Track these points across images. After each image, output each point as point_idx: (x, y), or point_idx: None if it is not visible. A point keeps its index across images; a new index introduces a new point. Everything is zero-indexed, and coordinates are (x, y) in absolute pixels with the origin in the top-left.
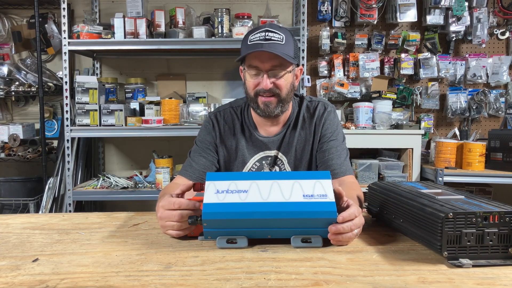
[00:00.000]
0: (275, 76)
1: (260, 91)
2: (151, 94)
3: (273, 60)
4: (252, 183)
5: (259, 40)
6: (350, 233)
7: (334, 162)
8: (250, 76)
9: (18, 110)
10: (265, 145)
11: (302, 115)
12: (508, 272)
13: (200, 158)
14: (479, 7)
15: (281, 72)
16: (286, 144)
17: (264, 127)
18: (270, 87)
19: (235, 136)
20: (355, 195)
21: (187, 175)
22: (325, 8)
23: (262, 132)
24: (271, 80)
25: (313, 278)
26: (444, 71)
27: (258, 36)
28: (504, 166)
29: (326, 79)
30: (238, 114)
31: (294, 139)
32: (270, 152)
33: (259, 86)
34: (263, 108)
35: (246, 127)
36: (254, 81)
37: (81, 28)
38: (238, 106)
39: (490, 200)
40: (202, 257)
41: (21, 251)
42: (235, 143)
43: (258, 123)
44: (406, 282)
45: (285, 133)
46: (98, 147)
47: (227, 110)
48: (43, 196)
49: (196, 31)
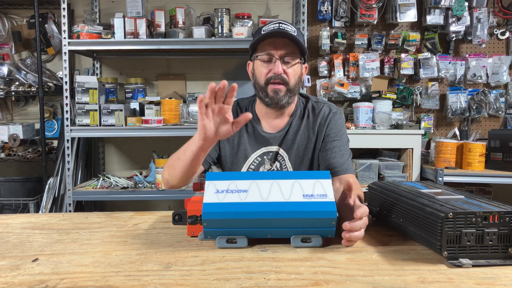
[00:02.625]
0: (287, 64)
1: (272, 77)
2: (151, 94)
3: (287, 47)
4: (252, 183)
5: (273, 29)
6: (360, 232)
7: (336, 160)
8: (262, 63)
9: (18, 110)
10: (267, 141)
11: (307, 114)
12: (508, 272)
13: None
14: (479, 7)
15: (292, 60)
16: (288, 140)
17: (268, 119)
18: (281, 72)
19: (239, 131)
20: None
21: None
22: (325, 8)
23: (265, 126)
24: (283, 67)
25: (313, 278)
26: (444, 71)
27: (272, 27)
28: (504, 166)
29: (326, 79)
30: (243, 109)
31: (296, 136)
32: (272, 147)
33: (270, 72)
34: (272, 96)
35: (249, 122)
36: (266, 69)
37: (81, 28)
38: (244, 106)
39: (490, 200)
40: (202, 257)
41: (21, 251)
42: (237, 138)
43: (262, 116)
44: (406, 282)
45: (288, 129)
46: (98, 147)
47: (234, 107)
48: (43, 196)
49: (196, 31)
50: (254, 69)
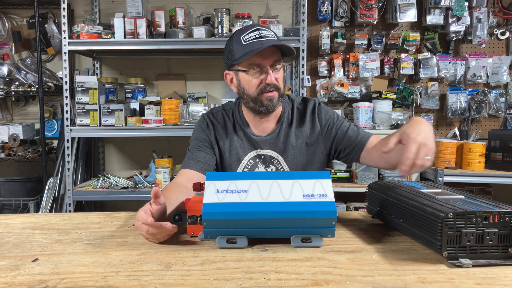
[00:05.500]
0: (276, 70)
1: (266, 87)
2: (151, 94)
3: (274, 55)
4: (252, 182)
5: (255, 38)
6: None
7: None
8: (253, 75)
9: (18, 110)
10: (258, 144)
11: (297, 114)
12: (508, 272)
13: (200, 152)
14: (479, 7)
15: (279, 65)
16: (281, 143)
17: (256, 123)
18: (274, 81)
19: (228, 136)
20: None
21: (192, 166)
22: (325, 8)
23: (254, 129)
24: (274, 75)
25: (313, 278)
26: (444, 71)
27: (253, 35)
28: (504, 166)
29: (326, 79)
30: (230, 115)
31: (290, 138)
32: (263, 151)
33: (263, 83)
34: (267, 104)
35: (238, 125)
36: (257, 79)
37: (81, 28)
38: (230, 109)
39: (490, 200)
40: (202, 257)
41: (21, 251)
42: (228, 142)
43: (250, 120)
44: (406, 282)
45: (278, 132)
46: (98, 147)
47: (219, 112)
48: (43, 196)
49: (196, 31)
50: (239, 80)
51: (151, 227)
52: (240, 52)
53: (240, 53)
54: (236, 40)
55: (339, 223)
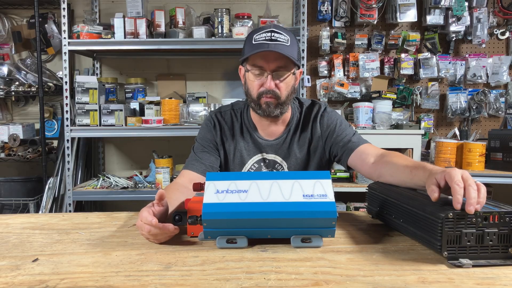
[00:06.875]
0: (279, 77)
1: (263, 92)
2: (151, 94)
3: (278, 61)
4: (252, 183)
5: (265, 40)
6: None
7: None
8: (253, 76)
9: (18, 110)
10: (263, 148)
11: (302, 120)
12: (508, 272)
13: (204, 153)
14: (479, 7)
15: (284, 73)
16: (286, 149)
17: (263, 127)
18: (273, 88)
19: (234, 138)
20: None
21: (194, 168)
22: (325, 8)
23: (262, 133)
24: (275, 81)
25: (313, 278)
26: (444, 71)
27: (264, 36)
28: (504, 166)
29: (326, 79)
30: (238, 116)
31: (294, 144)
32: (268, 155)
33: (262, 87)
34: (264, 108)
35: (245, 128)
36: (258, 82)
37: (81, 28)
38: (239, 109)
39: (490, 200)
40: (202, 257)
41: (21, 251)
42: (233, 144)
43: (257, 122)
44: (406, 282)
45: (285, 137)
46: (98, 147)
47: (228, 112)
48: (43, 196)
49: (196, 31)
50: (246, 78)
51: (154, 228)
52: (247, 50)
53: (246, 51)
54: (250, 37)
55: (339, 223)
